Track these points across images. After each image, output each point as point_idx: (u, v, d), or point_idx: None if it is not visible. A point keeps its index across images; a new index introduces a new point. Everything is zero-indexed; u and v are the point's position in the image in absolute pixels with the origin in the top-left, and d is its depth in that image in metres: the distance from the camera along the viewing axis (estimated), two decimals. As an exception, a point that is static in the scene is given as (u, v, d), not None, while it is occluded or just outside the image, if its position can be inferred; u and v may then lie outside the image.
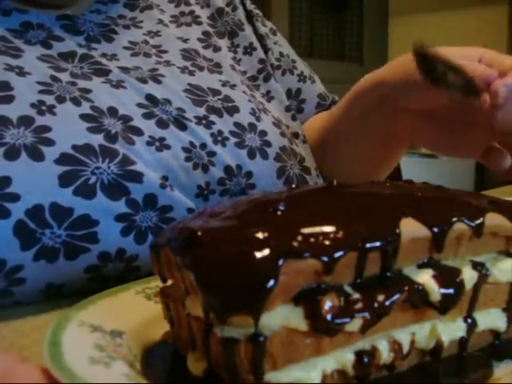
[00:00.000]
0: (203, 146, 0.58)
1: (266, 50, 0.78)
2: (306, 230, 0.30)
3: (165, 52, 0.66)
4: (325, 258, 0.29)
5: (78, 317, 0.37)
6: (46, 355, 0.31)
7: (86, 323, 0.36)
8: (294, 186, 0.39)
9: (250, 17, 0.79)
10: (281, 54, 0.80)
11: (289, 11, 3.92)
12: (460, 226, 0.34)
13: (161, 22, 0.69)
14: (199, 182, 0.56)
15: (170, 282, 0.36)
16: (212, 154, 0.58)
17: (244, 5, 0.80)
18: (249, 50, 0.75)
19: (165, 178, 0.54)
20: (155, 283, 0.42)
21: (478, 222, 0.34)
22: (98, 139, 0.52)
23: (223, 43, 0.74)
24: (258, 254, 0.28)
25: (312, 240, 0.29)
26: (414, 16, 5.14)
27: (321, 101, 0.82)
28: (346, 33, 4.47)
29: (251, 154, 0.60)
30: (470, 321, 0.36)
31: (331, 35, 4.48)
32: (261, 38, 0.78)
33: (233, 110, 0.63)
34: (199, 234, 0.31)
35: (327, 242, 0.29)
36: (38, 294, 0.51)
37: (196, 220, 0.34)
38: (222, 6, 0.77)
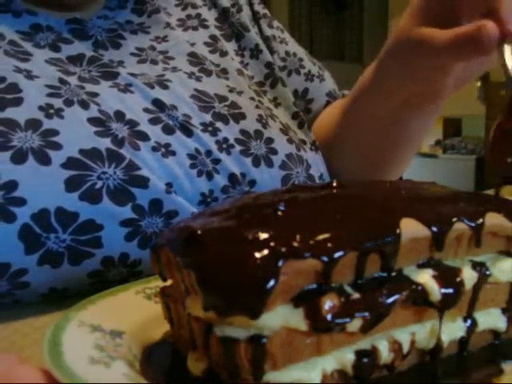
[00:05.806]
0: (208, 153, 0.57)
1: (271, 52, 0.76)
2: (306, 230, 0.30)
3: (171, 58, 0.65)
4: (325, 258, 0.29)
5: (77, 317, 0.37)
6: (46, 355, 0.31)
7: (86, 323, 0.36)
8: (294, 186, 0.39)
9: (256, 18, 0.78)
10: (287, 54, 0.78)
11: (289, 11, 3.93)
12: (460, 226, 0.34)
13: (168, 25, 0.69)
14: (203, 190, 0.56)
15: (170, 282, 0.36)
16: (217, 161, 0.58)
17: (251, 5, 0.78)
18: (255, 52, 0.74)
19: (169, 185, 0.54)
20: (155, 283, 0.42)
21: (478, 222, 0.34)
22: (105, 143, 0.52)
23: (230, 46, 0.73)
24: (259, 254, 0.28)
25: (312, 240, 0.29)
26: (413, 16, 5.12)
27: (330, 99, 0.79)
28: (345, 33, 4.47)
29: (256, 162, 0.60)
30: (470, 321, 0.36)
31: (331, 35, 4.49)
32: (266, 39, 0.76)
33: (239, 116, 0.62)
34: (199, 233, 0.31)
35: (327, 242, 0.29)
36: (40, 297, 0.51)
37: (196, 220, 0.34)
38: (227, 5, 0.76)
